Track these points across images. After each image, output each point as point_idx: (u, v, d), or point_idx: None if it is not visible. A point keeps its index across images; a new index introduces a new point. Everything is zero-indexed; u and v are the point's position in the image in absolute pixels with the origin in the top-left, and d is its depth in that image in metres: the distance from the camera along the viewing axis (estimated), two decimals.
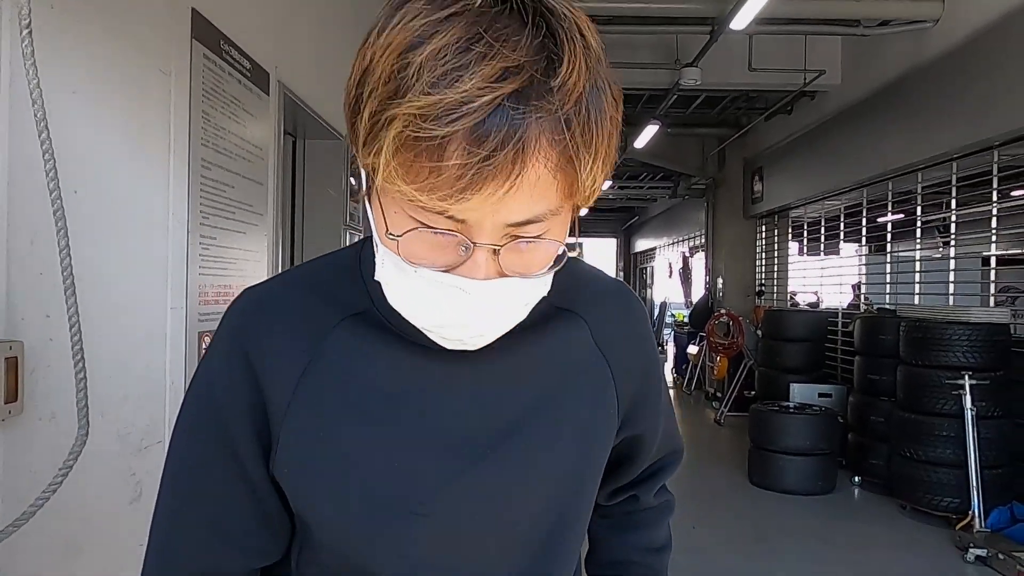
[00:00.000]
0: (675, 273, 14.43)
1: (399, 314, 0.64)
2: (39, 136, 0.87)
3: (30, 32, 0.83)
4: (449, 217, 0.53)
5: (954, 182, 5.49)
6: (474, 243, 0.55)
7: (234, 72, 2.10)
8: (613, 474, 0.86)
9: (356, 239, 2.98)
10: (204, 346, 1.94)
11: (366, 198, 0.62)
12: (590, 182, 0.55)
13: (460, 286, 0.56)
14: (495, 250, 0.56)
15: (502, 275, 0.57)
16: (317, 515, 0.67)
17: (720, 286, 10.03)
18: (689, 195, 11.45)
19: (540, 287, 0.62)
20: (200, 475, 0.69)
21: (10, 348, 1.14)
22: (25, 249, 1.25)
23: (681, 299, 14.37)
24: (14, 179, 1.19)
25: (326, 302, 0.69)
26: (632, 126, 8.70)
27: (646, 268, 18.79)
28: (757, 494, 5.39)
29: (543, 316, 0.70)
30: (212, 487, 0.68)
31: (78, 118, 1.39)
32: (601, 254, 20.93)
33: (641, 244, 18.78)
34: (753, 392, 7.84)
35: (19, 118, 1.15)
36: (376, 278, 0.62)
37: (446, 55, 0.50)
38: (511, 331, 0.65)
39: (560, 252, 0.60)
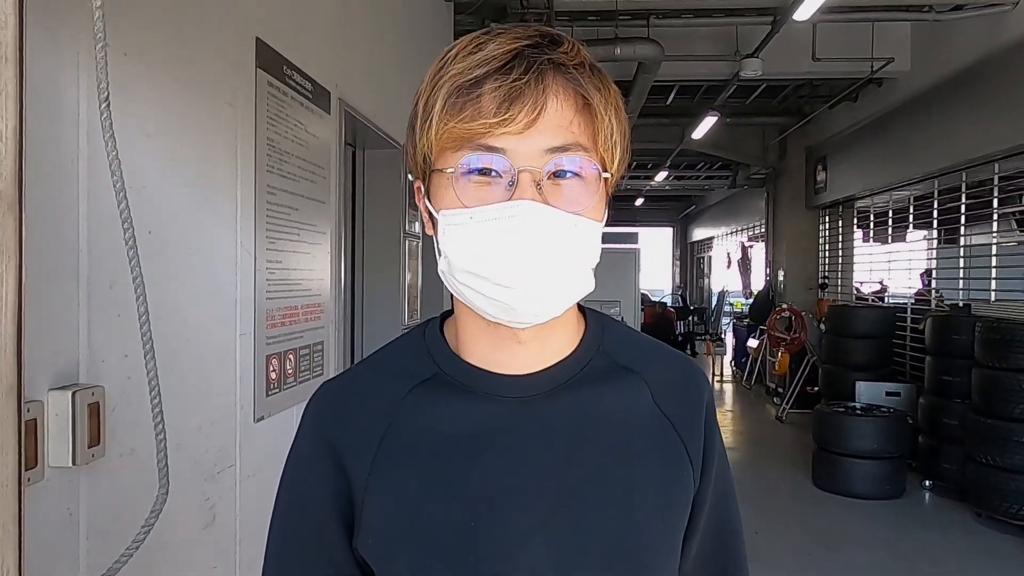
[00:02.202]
0: (734, 263, 14.16)
1: (464, 368, 0.71)
2: (118, 206, 0.89)
3: (108, 105, 0.84)
4: (492, 150, 0.62)
5: None
6: (517, 170, 0.62)
7: (297, 96, 2.13)
8: None
9: (416, 243, 2.96)
10: (271, 369, 1.98)
11: (426, 199, 0.69)
12: (608, 132, 0.65)
13: (512, 212, 0.62)
14: (538, 183, 0.63)
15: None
16: None
17: (781, 279, 9.79)
18: (748, 185, 11.21)
19: (589, 245, 0.66)
20: (289, 563, 0.73)
21: (92, 394, 1.18)
22: (104, 293, 1.29)
23: (739, 288, 14.10)
24: (92, 231, 1.23)
25: (396, 377, 0.73)
26: (690, 117, 8.54)
27: (703, 257, 18.50)
28: (822, 497, 5.27)
29: (604, 370, 0.73)
30: (303, 568, 0.73)
31: (152, 159, 1.43)
32: (657, 243, 20.68)
33: (698, 233, 18.48)
34: (816, 388, 7.65)
35: (96, 176, 1.19)
36: (440, 270, 0.68)
37: (473, 41, 0.65)
38: (575, 384, 0.70)
39: (597, 178, 0.66)
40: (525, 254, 0.62)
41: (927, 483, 5.42)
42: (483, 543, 0.66)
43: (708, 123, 8.01)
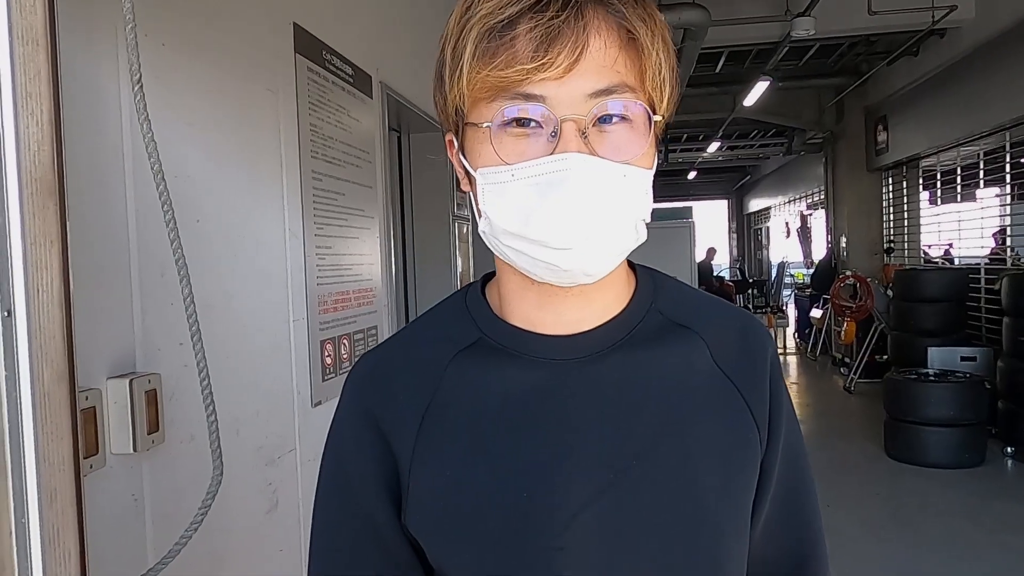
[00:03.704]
0: (793, 233, 13.77)
1: (509, 331, 0.67)
2: (157, 188, 0.88)
3: (141, 87, 0.84)
4: (531, 98, 0.57)
5: None
6: (560, 118, 0.57)
7: (338, 80, 2.12)
8: None
9: (465, 225, 2.95)
10: (326, 355, 1.99)
11: (461, 154, 0.64)
12: (657, 68, 0.60)
13: (557, 167, 0.57)
14: (582, 131, 0.58)
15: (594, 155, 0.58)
16: (452, 562, 0.66)
17: (844, 245, 9.48)
18: (805, 151, 10.87)
19: (640, 193, 0.61)
20: (337, 540, 0.71)
21: (149, 382, 1.20)
22: (156, 281, 1.30)
23: (799, 259, 13.71)
24: (141, 220, 1.24)
25: (438, 345, 0.69)
26: (740, 84, 8.30)
27: (760, 229, 18.05)
28: (895, 468, 5.10)
29: (658, 329, 0.68)
30: (349, 550, 0.70)
31: (195, 149, 1.43)
32: (712, 216, 20.29)
33: (754, 204, 18.03)
34: (885, 357, 7.39)
35: (141, 164, 1.20)
36: (480, 230, 0.64)
37: None
38: (627, 344, 0.65)
39: (647, 121, 0.61)
40: (574, 212, 0.58)
41: (1009, 450, 5.18)
42: (535, 515, 0.63)
43: (760, 89, 7.77)
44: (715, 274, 13.26)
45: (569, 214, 0.58)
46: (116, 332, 1.21)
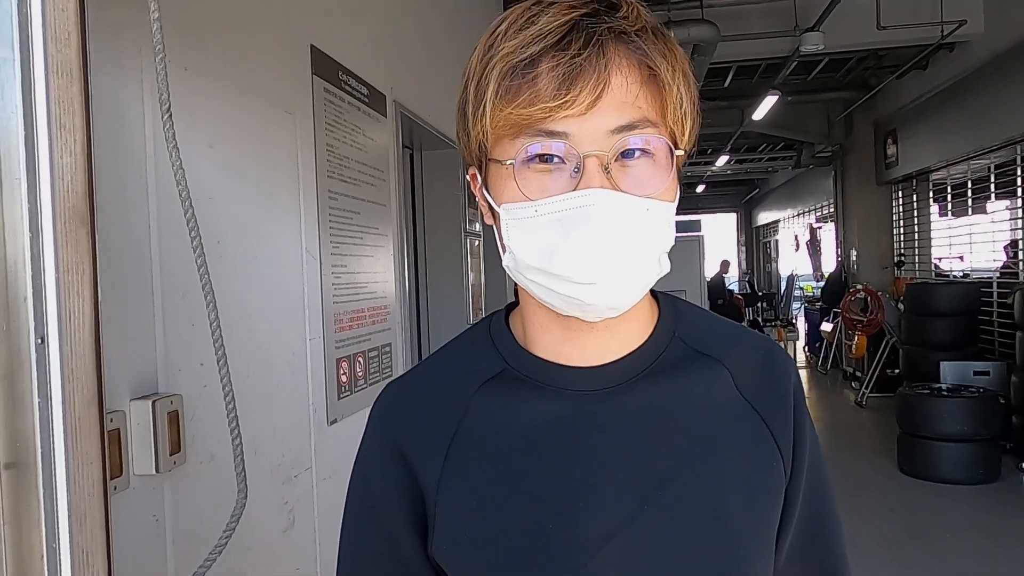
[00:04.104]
0: (802, 245, 13.73)
1: (533, 362, 0.67)
2: (185, 215, 0.90)
3: (170, 116, 0.85)
4: (553, 135, 0.58)
5: None
6: (582, 154, 0.58)
7: (353, 100, 2.14)
8: None
9: (477, 241, 2.95)
10: (342, 373, 2.00)
11: (484, 189, 0.65)
12: (678, 102, 0.60)
13: (580, 203, 0.58)
14: (605, 166, 0.58)
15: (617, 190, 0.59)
16: None
17: (854, 258, 9.45)
18: (814, 164, 10.86)
19: (663, 225, 0.62)
20: (363, 568, 0.71)
21: (171, 403, 1.21)
22: (178, 302, 1.32)
23: (809, 271, 13.67)
24: (164, 242, 1.26)
25: (462, 375, 0.70)
26: (749, 98, 8.32)
27: (769, 242, 18.02)
28: (909, 483, 5.06)
29: (681, 358, 0.69)
30: (376, 573, 0.70)
31: (216, 171, 1.45)
32: (721, 229, 20.26)
33: (763, 217, 18.01)
34: (897, 371, 7.35)
35: (164, 185, 1.21)
36: (505, 264, 0.65)
37: (523, 15, 0.60)
38: (651, 373, 0.66)
39: (671, 157, 0.61)
40: (599, 248, 0.58)
41: None
42: (562, 545, 0.63)
43: (769, 103, 7.78)
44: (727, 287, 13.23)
45: (593, 249, 0.58)
46: (139, 353, 1.22)
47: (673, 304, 0.74)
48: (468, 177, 0.70)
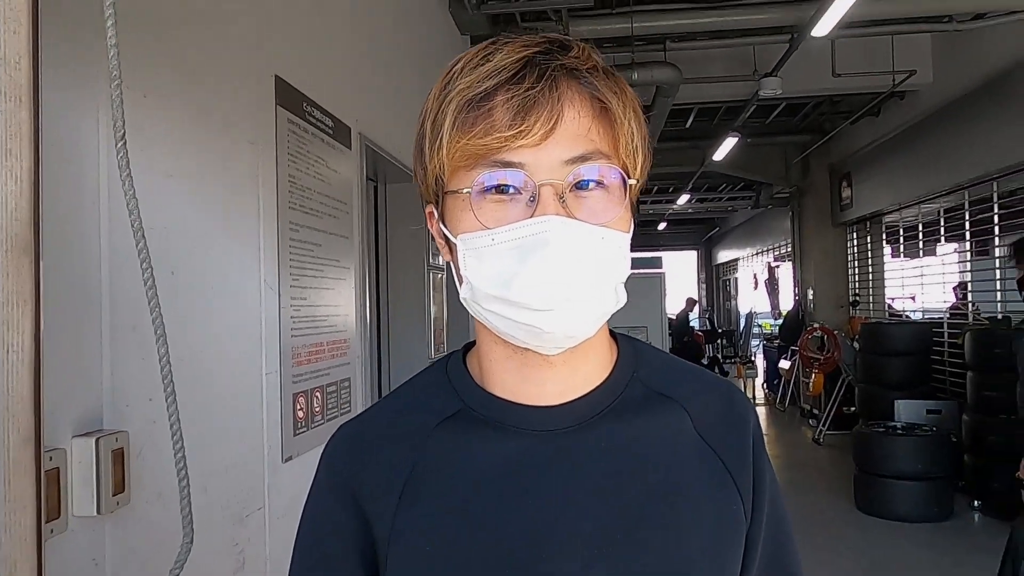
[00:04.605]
0: (761, 284, 13.98)
1: (492, 402, 0.66)
2: (136, 246, 0.87)
3: (124, 144, 0.83)
4: (508, 164, 0.59)
5: None
6: (538, 184, 0.59)
7: (317, 132, 2.13)
8: None
9: (440, 275, 2.93)
10: (298, 408, 1.95)
11: (441, 222, 0.65)
12: (629, 136, 0.62)
13: (536, 230, 0.58)
14: (560, 194, 0.59)
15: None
16: None
17: (811, 297, 9.63)
18: (772, 204, 11.11)
19: (618, 255, 0.62)
20: None
21: (116, 440, 1.16)
22: (128, 335, 1.27)
23: (767, 309, 13.89)
24: (114, 273, 1.22)
25: (418, 416, 0.68)
26: (710, 139, 8.51)
27: (729, 279, 18.31)
28: (865, 521, 5.10)
29: (641, 399, 0.68)
30: None
31: (172, 200, 1.42)
32: (682, 267, 20.53)
33: (723, 255, 18.32)
34: (853, 409, 7.46)
35: (117, 214, 1.18)
36: (462, 297, 0.64)
37: (479, 53, 0.62)
38: (611, 413, 0.65)
39: (620, 184, 0.62)
40: (556, 274, 0.58)
41: (976, 504, 5.22)
42: None
43: (728, 144, 7.96)
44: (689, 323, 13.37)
45: (550, 276, 0.58)
46: (84, 388, 1.17)
47: (632, 345, 0.73)
48: (425, 215, 0.69)
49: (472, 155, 0.60)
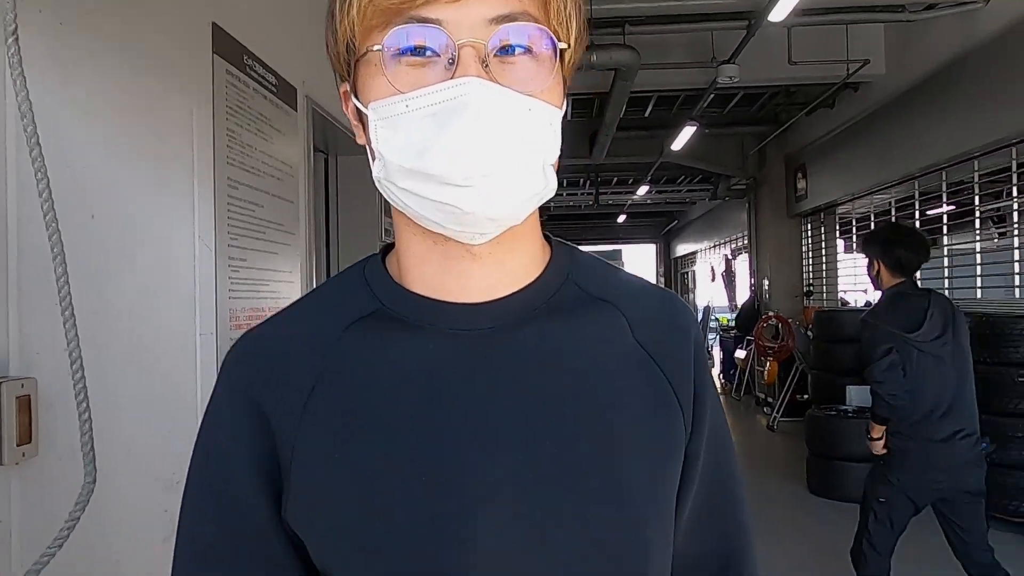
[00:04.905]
0: (718, 276, 14.15)
1: (411, 299, 0.60)
2: (30, 154, 0.79)
3: (16, 39, 0.75)
4: (425, 20, 0.53)
5: (1014, 168, 5.22)
6: (457, 44, 0.53)
7: (260, 88, 2.04)
8: None
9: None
10: None
11: (353, 95, 0.59)
12: (562, 1, 0.56)
13: (455, 93, 0.52)
14: (483, 60, 0.53)
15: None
16: (339, 559, 0.57)
17: (766, 287, 9.77)
18: (729, 196, 11.22)
19: (547, 129, 0.56)
20: (207, 537, 0.60)
21: (22, 386, 1.07)
22: (39, 280, 1.18)
23: (725, 303, 14.07)
24: (23, 210, 1.13)
25: (328, 318, 0.61)
26: (668, 129, 8.54)
27: (687, 273, 18.51)
28: (817, 504, 5.17)
29: (575, 302, 0.62)
30: (223, 544, 0.60)
31: (92, 139, 1.32)
32: (640, 260, 20.70)
33: (681, 248, 18.50)
34: (806, 396, 7.57)
35: (26, 151, 1.08)
36: (375, 174, 0.58)
37: None
38: (541, 315, 0.59)
39: (550, 54, 0.56)
40: (475, 143, 0.52)
41: None
42: (439, 501, 0.55)
43: (687, 133, 7.99)
44: None
45: (469, 145, 0.52)
46: None
47: (567, 247, 0.67)
48: (340, 96, 0.62)
49: (385, 10, 0.53)
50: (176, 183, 1.61)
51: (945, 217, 6.33)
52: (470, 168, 0.52)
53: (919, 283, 3.02)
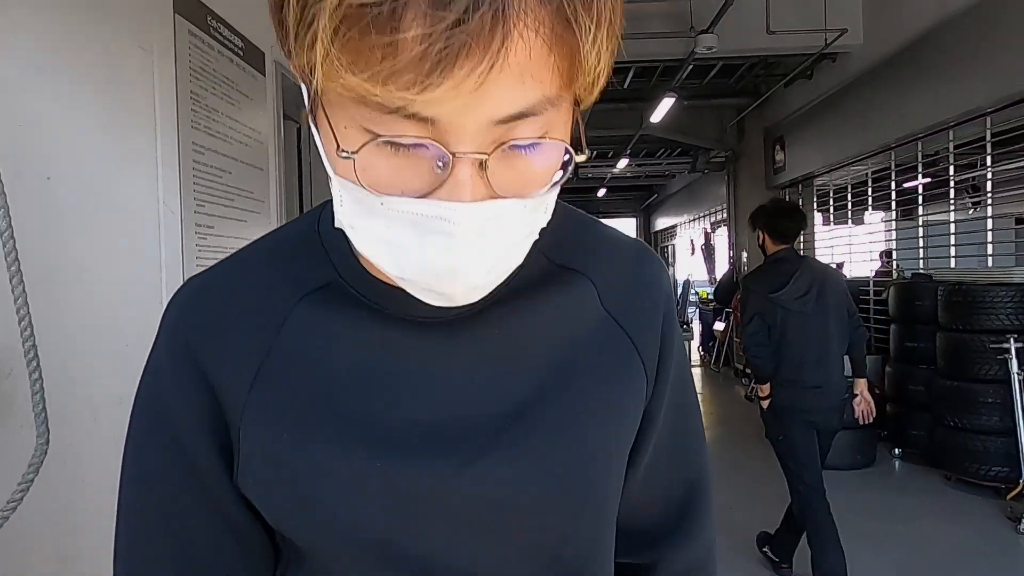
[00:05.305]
0: (697, 250, 14.21)
1: (370, 280, 0.55)
2: None
3: None
4: (414, 118, 0.40)
5: (988, 138, 5.25)
6: (452, 153, 0.42)
7: (224, 51, 1.98)
8: None
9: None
10: None
11: (310, 118, 0.48)
12: (594, 58, 0.42)
13: (441, 215, 0.43)
14: (481, 162, 0.42)
15: (493, 196, 0.44)
16: (293, 532, 0.56)
17: (745, 260, 9.82)
18: (709, 169, 11.23)
19: (542, 212, 0.49)
20: (157, 492, 0.57)
21: None
22: None
23: (704, 277, 14.15)
24: None
25: (281, 281, 0.57)
26: (647, 101, 8.51)
27: (667, 247, 18.57)
28: None
29: (542, 275, 0.59)
30: (172, 504, 0.57)
31: (45, 97, 1.28)
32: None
33: (662, 222, 18.55)
34: None
35: None
36: (336, 224, 0.49)
37: None
38: (505, 295, 0.54)
39: (565, 158, 0.46)
40: (460, 268, 0.45)
41: (897, 451, 5.42)
42: (393, 487, 0.53)
43: (666, 105, 7.97)
44: None
45: (456, 271, 0.45)
46: None
47: None
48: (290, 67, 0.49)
49: (361, 94, 0.40)
50: (138, 145, 1.57)
51: (920, 188, 6.38)
52: (454, 290, 0.47)
53: (800, 252, 3.32)
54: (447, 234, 0.44)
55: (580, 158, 0.47)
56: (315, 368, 0.55)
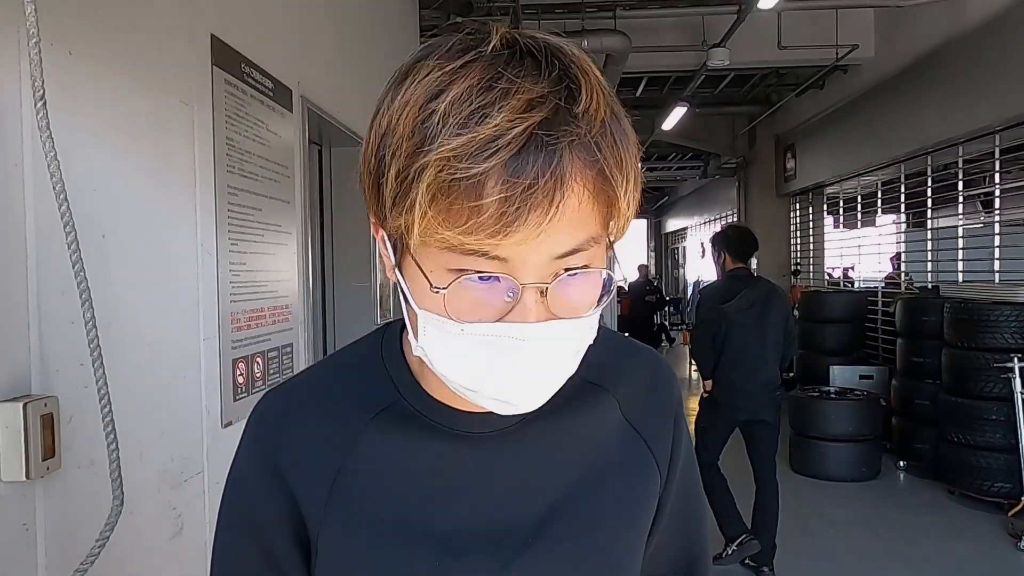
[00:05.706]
0: (707, 253, 14.22)
1: (428, 400, 0.65)
2: (59, 208, 0.85)
3: (44, 104, 0.81)
4: (492, 258, 0.52)
5: (997, 155, 5.30)
6: (521, 284, 0.53)
7: (256, 94, 2.09)
8: None
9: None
10: (238, 373, 1.94)
11: (397, 270, 0.59)
12: (626, 205, 0.55)
13: (513, 335, 0.54)
14: (543, 290, 0.54)
15: (551, 318, 0.55)
16: None
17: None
18: (719, 174, 11.28)
19: (589, 330, 0.59)
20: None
21: (45, 405, 1.14)
22: (56, 300, 1.25)
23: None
24: (41, 233, 1.19)
25: (351, 401, 0.67)
26: (659, 108, 8.57)
27: (677, 248, 18.59)
28: (799, 481, 5.32)
29: (574, 392, 0.67)
30: None
31: (101, 161, 1.38)
32: (631, 236, 20.75)
33: (672, 224, 18.57)
34: (792, 374, 7.71)
35: (43, 177, 1.15)
36: (415, 351, 0.59)
37: (470, 97, 0.50)
38: (542, 410, 0.63)
39: (604, 279, 0.58)
40: (528, 379, 0.56)
41: (902, 464, 5.49)
42: None
43: (678, 114, 8.03)
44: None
45: (522, 380, 0.56)
46: (9, 353, 1.15)
47: None
48: (370, 219, 0.61)
49: (449, 243, 0.52)
50: (179, 195, 1.67)
51: (930, 200, 6.42)
52: (520, 396, 0.57)
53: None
54: (516, 350, 0.54)
55: (619, 281, 0.61)
56: (383, 480, 0.64)
